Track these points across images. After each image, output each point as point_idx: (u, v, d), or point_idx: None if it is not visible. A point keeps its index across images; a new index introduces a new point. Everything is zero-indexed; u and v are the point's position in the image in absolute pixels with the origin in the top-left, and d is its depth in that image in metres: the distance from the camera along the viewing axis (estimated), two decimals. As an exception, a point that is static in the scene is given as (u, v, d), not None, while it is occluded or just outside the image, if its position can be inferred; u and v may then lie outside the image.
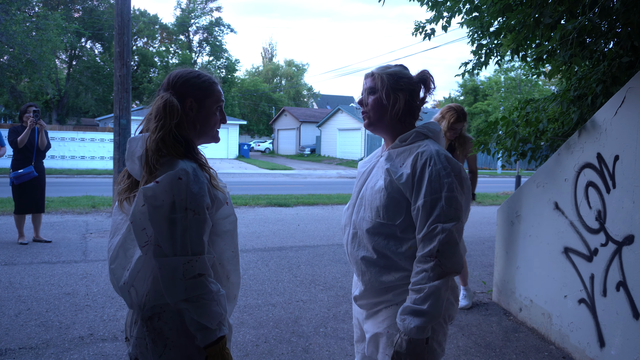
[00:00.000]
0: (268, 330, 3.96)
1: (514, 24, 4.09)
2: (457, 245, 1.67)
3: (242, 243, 7.14)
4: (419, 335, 1.66)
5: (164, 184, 1.50)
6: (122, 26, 9.15)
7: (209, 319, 1.51)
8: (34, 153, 6.55)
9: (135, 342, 1.63)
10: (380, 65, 1.95)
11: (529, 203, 4.21)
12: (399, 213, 1.78)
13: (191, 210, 1.50)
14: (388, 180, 1.81)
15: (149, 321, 1.59)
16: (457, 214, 1.70)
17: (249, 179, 20.86)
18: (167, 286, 1.50)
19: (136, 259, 1.59)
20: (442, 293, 1.65)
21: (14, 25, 20.38)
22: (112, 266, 1.65)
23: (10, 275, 5.23)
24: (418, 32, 5.77)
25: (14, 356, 3.38)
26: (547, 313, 3.92)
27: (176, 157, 1.58)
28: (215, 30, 49.98)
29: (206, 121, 1.72)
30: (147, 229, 1.53)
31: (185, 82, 1.67)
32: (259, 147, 48.65)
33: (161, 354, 1.58)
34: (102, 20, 39.96)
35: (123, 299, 1.75)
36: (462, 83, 44.94)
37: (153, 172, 1.55)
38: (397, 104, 1.85)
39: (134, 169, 1.64)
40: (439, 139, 1.92)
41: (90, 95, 41.19)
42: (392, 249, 1.80)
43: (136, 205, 1.53)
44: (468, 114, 4.78)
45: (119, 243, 1.65)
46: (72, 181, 17.74)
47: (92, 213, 9.53)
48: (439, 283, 1.64)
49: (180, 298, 1.49)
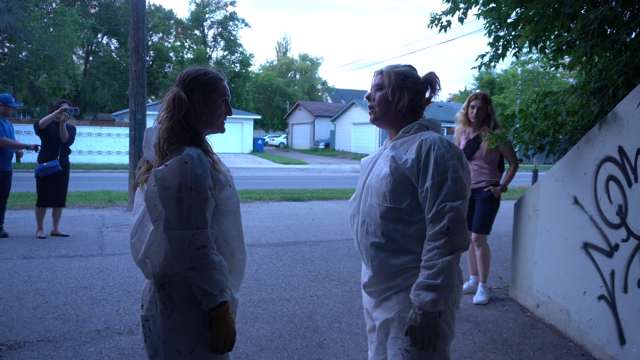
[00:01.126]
0: (282, 325, 3.96)
1: (532, 15, 4.00)
2: (464, 222, 1.79)
3: (256, 237, 7.16)
4: (434, 309, 1.76)
5: (172, 167, 1.71)
6: (137, 21, 9.18)
7: (212, 285, 1.71)
8: (60, 147, 6.65)
9: (147, 305, 1.85)
10: (390, 64, 2.06)
11: (547, 197, 4.14)
12: (405, 196, 1.89)
13: (195, 190, 1.71)
14: (394, 167, 1.91)
15: (161, 288, 1.81)
16: (464, 192, 1.81)
17: (263, 174, 20.92)
18: (175, 256, 1.71)
19: (150, 233, 1.81)
20: (454, 267, 1.76)
21: (32, 22, 20.64)
22: (132, 240, 1.88)
23: (29, 268, 5.30)
24: (434, 25, 5.70)
25: (32, 348, 3.43)
26: (565, 309, 3.85)
27: (184, 144, 1.79)
28: (229, 25, 50.09)
29: (212, 113, 1.92)
30: (158, 206, 1.73)
31: (193, 79, 1.89)
32: (273, 142, 48.72)
33: (169, 316, 1.79)
34: (118, 15, 40.27)
35: (141, 271, 1.95)
36: (478, 76, 44.45)
37: (164, 157, 1.77)
38: (401, 101, 1.98)
39: (150, 156, 1.87)
40: (439, 131, 2.01)
41: (106, 91, 41.59)
42: (400, 232, 1.89)
43: (148, 185, 1.74)
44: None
45: (138, 220, 1.88)
46: (89, 176, 17.95)
47: (109, 207, 9.62)
48: (450, 258, 1.75)
49: (186, 266, 1.70)
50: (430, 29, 5.74)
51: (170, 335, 1.79)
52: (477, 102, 4.57)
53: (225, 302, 1.75)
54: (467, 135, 4.74)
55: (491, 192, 4.54)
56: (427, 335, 1.78)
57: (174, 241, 1.70)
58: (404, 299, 1.90)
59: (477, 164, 4.64)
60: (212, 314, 1.75)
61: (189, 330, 1.79)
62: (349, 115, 39.20)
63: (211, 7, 50.50)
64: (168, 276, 1.81)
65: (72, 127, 6.89)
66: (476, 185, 4.64)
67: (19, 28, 19.91)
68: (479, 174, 4.63)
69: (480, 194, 4.60)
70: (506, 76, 37.33)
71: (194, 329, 1.79)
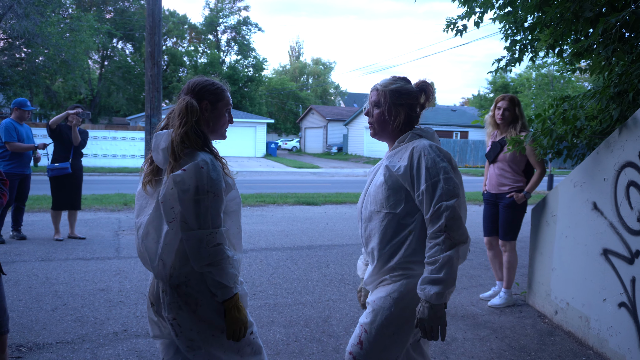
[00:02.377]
0: (298, 329, 3.96)
1: (550, 19, 3.97)
2: (460, 218, 1.91)
3: (271, 241, 7.17)
4: (439, 301, 1.89)
5: (190, 171, 1.84)
6: (153, 26, 9.27)
7: (227, 278, 1.88)
8: (72, 150, 6.74)
9: (168, 307, 1.96)
10: (385, 79, 2.21)
11: (566, 203, 4.09)
12: (400, 202, 2.05)
13: (211, 193, 1.86)
14: (387, 175, 2.08)
15: (178, 288, 1.95)
16: (457, 191, 1.94)
17: (276, 177, 20.96)
18: (193, 254, 1.85)
19: (165, 233, 1.91)
20: (455, 261, 1.89)
21: (49, 27, 20.96)
22: (145, 241, 1.97)
23: (47, 270, 5.36)
24: (449, 29, 5.68)
25: (51, 350, 3.47)
26: (584, 316, 3.80)
27: (196, 148, 1.93)
28: (243, 30, 50.37)
29: (217, 120, 2.08)
30: (175, 207, 1.86)
31: (202, 88, 2.03)
32: (286, 146, 48.83)
33: (195, 311, 1.95)
34: (133, 20, 40.71)
35: (151, 271, 2.03)
36: (491, 80, 44.17)
37: (178, 160, 1.88)
38: (397, 118, 2.14)
39: (158, 159, 1.96)
40: (432, 138, 2.16)
41: (121, 95, 42.04)
42: (395, 235, 2.05)
43: (166, 189, 1.86)
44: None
45: (148, 221, 1.96)
46: (104, 179, 18.13)
47: (124, 210, 9.71)
48: (450, 253, 1.88)
49: (204, 263, 1.85)
50: (445, 33, 5.73)
51: (201, 325, 1.97)
52: (503, 103, 4.51)
53: (237, 293, 1.94)
54: (495, 137, 4.68)
55: (513, 199, 4.45)
56: (435, 326, 1.91)
57: (192, 240, 1.84)
58: (383, 289, 2.10)
59: (501, 167, 4.55)
60: (226, 305, 1.92)
61: (215, 318, 1.97)
62: (361, 119, 39.13)
63: (225, 12, 50.85)
64: (183, 276, 1.95)
65: (84, 131, 6.98)
66: (500, 190, 4.56)
67: (36, 33, 20.21)
68: (502, 178, 4.55)
69: (503, 200, 4.54)
70: (520, 80, 37.05)
71: (219, 317, 1.97)
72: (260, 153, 36.42)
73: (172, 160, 1.89)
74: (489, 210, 4.72)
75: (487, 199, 4.74)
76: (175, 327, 1.98)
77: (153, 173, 2.00)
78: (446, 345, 3.73)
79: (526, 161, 4.50)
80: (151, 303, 2.09)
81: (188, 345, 2.00)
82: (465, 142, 33.27)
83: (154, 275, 2.01)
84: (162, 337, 2.14)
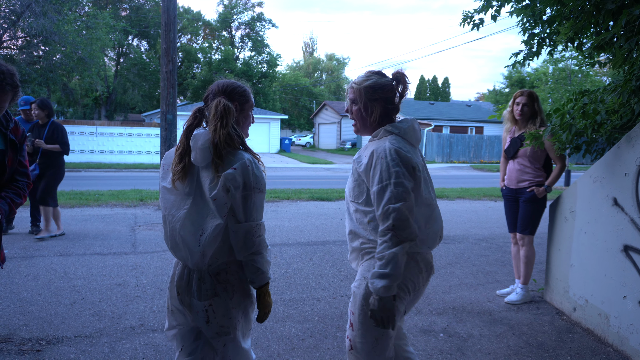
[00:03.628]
0: (313, 325, 3.96)
1: (570, 11, 3.90)
2: (408, 219, 2.04)
3: (285, 237, 7.18)
4: (386, 294, 2.03)
5: (239, 169, 2.00)
6: (168, 23, 9.32)
7: (266, 266, 2.11)
8: (39, 152, 6.55)
9: (204, 294, 2.10)
10: (360, 76, 2.33)
11: (585, 198, 4.03)
12: (362, 193, 2.23)
13: (257, 189, 2.04)
14: (354, 168, 2.27)
15: (217, 276, 2.11)
16: (404, 195, 2.06)
17: (290, 173, 20.99)
18: (241, 244, 2.04)
19: (214, 226, 2.02)
20: (400, 257, 2.02)
21: (66, 25, 21.17)
22: (181, 233, 2.07)
23: (65, 265, 5.43)
24: (466, 23, 5.62)
25: (70, 343, 3.51)
26: (604, 314, 3.75)
27: (236, 148, 2.06)
28: (256, 26, 50.40)
29: (245, 121, 2.25)
30: (227, 203, 2.00)
31: (232, 90, 2.18)
32: (300, 142, 48.82)
33: (232, 297, 2.13)
34: (148, 18, 40.98)
35: (181, 260, 2.16)
36: (507, 75, 43.64)
37: (222, 159, 2.01)
38: (374, 113, 2.26)
39: (197, 157, 2.04)
40: (405, 134, 2.23)
41: (136, 92, 42.39)
42: (359, 221, 2.26)
43: (219, 186, 1.98)
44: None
45: (185, 215, 2.07)
46: (121, 175, 18.32)
47: (140, 206, 9.80)
48: (396, 250, 2.01)
49: (250, 252, 2.05)
50: (462, 27, 5.66)
51: (233, 312, 2.15)
52: (522, 98, 4.46)
53: (269, 279, 2.14)
54: (513, 133, 4.62)
55: (534, 193, 4.42)
56: (385, 317, 2.07)
57: (240, 232, 2.03)
58: (358, 271, 2.30)
59: (521, 162, 4.51)
60: (262, 290, 2.13)
61: (246, 305, 2.20)
62: (375, 115, 38.94)
63: (239, 8, 50.93)
64: (223, 264, 2.12)
65: (57, 127, 6.66)
66: (519, 185, 4.52)
67: (53, 31, 20.44)
68: (522, 173, 4.50)
69: (523, 194, 4.49)
70: (537, 74, 36.57)
71: (250, 305, 2.22)
72: (274, 149, 36.49)
73: (216, 159, 2.00)
74: (509, 206, 4.68)
75: (506, 194, 4.69)
76: (209, 313, 2.12)
77: (184, 170, 2.08)
78: (462, 341, 3.70)
79: (546, 156, 4.44)
80: (177, 292, 2.20)
81: (218, 331, 2.15)
82: (481, 137, 32.97)
83: (191, 265, 2.10)
84: (183, 325, 2.26)
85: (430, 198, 2.24)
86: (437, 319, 4.15)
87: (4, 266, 3.11)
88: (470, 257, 6.26)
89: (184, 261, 2.14)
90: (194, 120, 2.12)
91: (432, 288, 4.94)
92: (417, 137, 2.28)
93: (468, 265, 5.90)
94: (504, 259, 6.23)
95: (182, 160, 2.08)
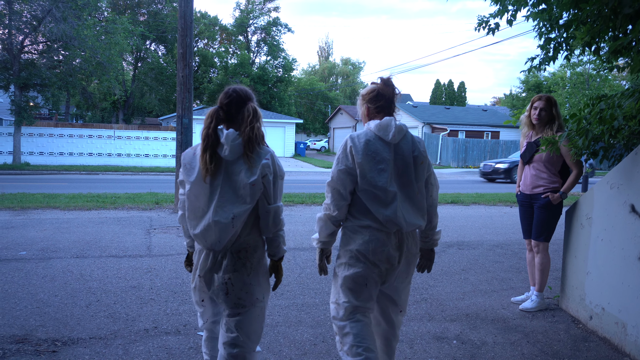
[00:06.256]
0: (326, 330, 3.95)
1: (587, 16, 3.86)
2: (330, 193, 2.63)
3: (299, 241, 7.19)
4: (316, 246, 2.81)
5: (271, 160, 2.44)
6: (185, 28, 9.41)
7: (285, 241, 2.59)
8: None
9: (225, 269, 2.46)
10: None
11: (602, 205, 3.97)
12: None
13: (280, 177, 2.52)
14: None
15: (238, 254, 2.48)
16: (332, 174, 2.63)
17: (304, 177, 21.01)
18: (271, 222, 2.47)
19: (243, 211, 2.39)
20: (321, 223, 2.72)
21: (85, 30, 21.50)
22: (215, 218, 2.38)
23: (81, 267, 5.50)
24: (481, 27, 5.59)
25: (85, 345, 3.55)
26: (621, 322, 3.68)
27: (263, 143, 2.50)
28: (272, 30, 50.60)
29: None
30: (261, 188, 2.41)
31: (252, 96, 2.58)
32: (315, 146, 48.88)
33: (249, 274, 2.50)
34: (166, 23, 41.42)
35: (211, 244, 2.44)
36: (524, 79, 43.22)
37: (254, 153, 2.41)
38: (362, 113, 2.82)
39: (229, 152, 2.39)
40: (359, 137, 2.62)
41: (154, 96, 42.80)
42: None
43: (257, 175, 2.37)
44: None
45: (217, 204, 2.40)
46: (137, 178, 18.51)
47: (156, 209, 9.89)
48: (318, 215, 2.75)
49: (277, 229, 2.51)
50: (477, 31, 5.63)
51: (250, 287, 2.50)
52: (540, 103, 4.41)
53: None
54: (530, 137, 4.58)
55: (549, 199, 4.36)
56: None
57: (271, 212, 2.45)
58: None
59: (537, 167, 4.45)
60: (278, 263, 2.62)
61: (261, 281, 2.56)
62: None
63: (255, 13, 51.23)
64: (245, 243, 2.49)
65: None
66: (534, 191, 4.47)
67: (73, 36, 20.76)
68: (537, 179, 4.45)
69: (538, 200, 4.43)
70: (554, 79, 36.16)
71: (265, 281, 2.59)
72: (289, 153, 36.58)
73: (249, 153, 2.39)
74: (524, 212, 4.63)
75: (521, 200, 4.64)
76: (228, 286, 2.47)
77: (217, 166, 2.41)
78: (476, 349, 3.67)
79: (562, 162, 4.39)
80: (199, 277, 2.53)
81: (235, 302, 2.49)
82: (497, 142, 32.68)
83: (219, 248, 2.42)
84: (208, 296, 2.61)
85: (383, 184, 2.56)
86: (451, 326, 4.11)
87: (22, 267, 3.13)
88: (484, 264, 6.20)
89: (212, 245, 2.44)
90: (212, 121, 2.45)
91: (445, 294, 4.91)
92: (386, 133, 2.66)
93: (482, 271, 5.84)
94: (519, 265, 6.16)
95: (212, 159, 2.40)
